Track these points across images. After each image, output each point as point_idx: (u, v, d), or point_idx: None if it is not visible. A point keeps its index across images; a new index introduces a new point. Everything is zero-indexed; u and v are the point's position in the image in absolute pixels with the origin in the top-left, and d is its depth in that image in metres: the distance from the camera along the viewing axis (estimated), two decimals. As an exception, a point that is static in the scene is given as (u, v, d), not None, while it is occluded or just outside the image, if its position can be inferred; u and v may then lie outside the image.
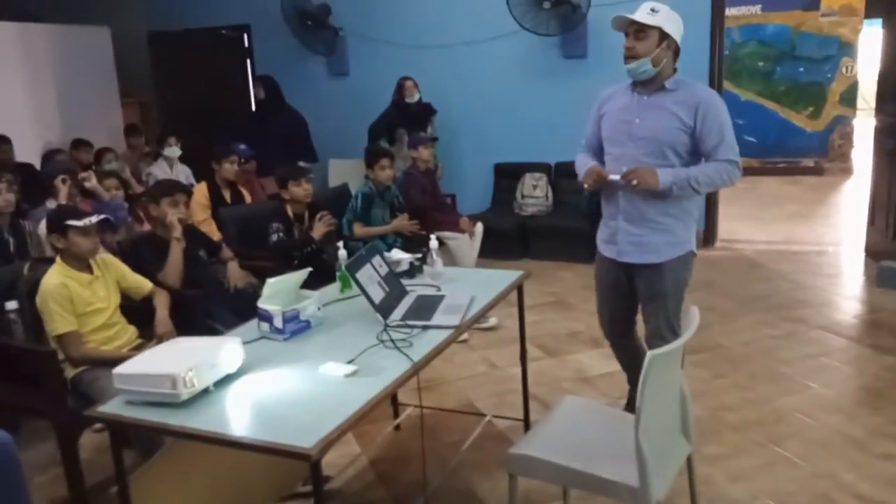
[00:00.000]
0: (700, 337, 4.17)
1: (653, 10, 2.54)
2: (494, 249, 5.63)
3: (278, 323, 2.29)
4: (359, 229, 4.49)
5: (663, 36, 2.54)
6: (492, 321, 4.48)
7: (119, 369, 1.92)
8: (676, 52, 2.62)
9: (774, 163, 9.68)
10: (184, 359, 1.91)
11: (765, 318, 4.48)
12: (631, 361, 3.03)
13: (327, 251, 3.99)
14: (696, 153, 2.64)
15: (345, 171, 6.53)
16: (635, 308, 2.92)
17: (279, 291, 2.36)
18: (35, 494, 2.87)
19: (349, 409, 1.79)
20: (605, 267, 2.88)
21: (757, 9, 9.37)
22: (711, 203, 6.18)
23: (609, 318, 3.00)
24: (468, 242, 5.08)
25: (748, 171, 9.59)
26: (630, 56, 2.57)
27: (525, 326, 3.10)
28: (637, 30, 2.54)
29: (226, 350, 2.02)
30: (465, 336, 4.31)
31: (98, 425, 3.04)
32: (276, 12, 6.85)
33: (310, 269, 2.50)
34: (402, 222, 4.53)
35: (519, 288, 2.96)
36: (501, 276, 2.92)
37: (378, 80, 6.56)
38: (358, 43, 7.03)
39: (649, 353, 1.88)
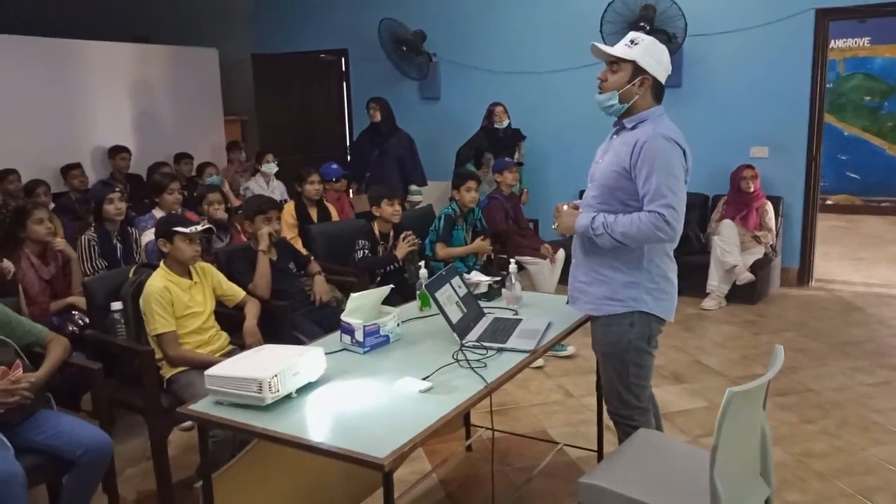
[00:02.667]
0: (788, 379, 4.02)
1: (632, 41, 2.33)
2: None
3: (359, 336, 2.37)
4: (441, 250, 4.57)
5: (638, 71, 2.32)
6: (569, 349, 4.45)
7: (211, 371, 2.04)
8: (657, 88, 2.37)
9: (878, 201, 9.22)
10: (270, 365, 2.01)
11: (859, 363, 4.27)
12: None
13: (409, 270, 4.08)
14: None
15: (432, 194, 6.65)
16: None
17: (362, 306, 2.45)
18: (124, 486, 3.07)
19: (422, 425, 1.83)
20: None
21: (865, 41, 9.02)
22: (807, 241, 5.96)
23: None
24: (549, 268, 5.08)
25: (849, 210, 9.20)
26: (600, 88, 2.39)
27: (588, 357, 3.06)
28: (612, 61, 2.35)
29: (309, 359, 2.11)
30: (539, 362, 4.30)
31: (187, 424, 3.23)
32: (373, 37, 7.09)
33: (392, 286, 2.58)
34: (482, 244, 4.58)
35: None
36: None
37: (468, 104, 6.69)
38: (450, 68, 7.18)
39: (728, 391, 1.84)
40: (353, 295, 2.43)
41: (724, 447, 1.88)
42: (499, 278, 3.00)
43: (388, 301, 2.61)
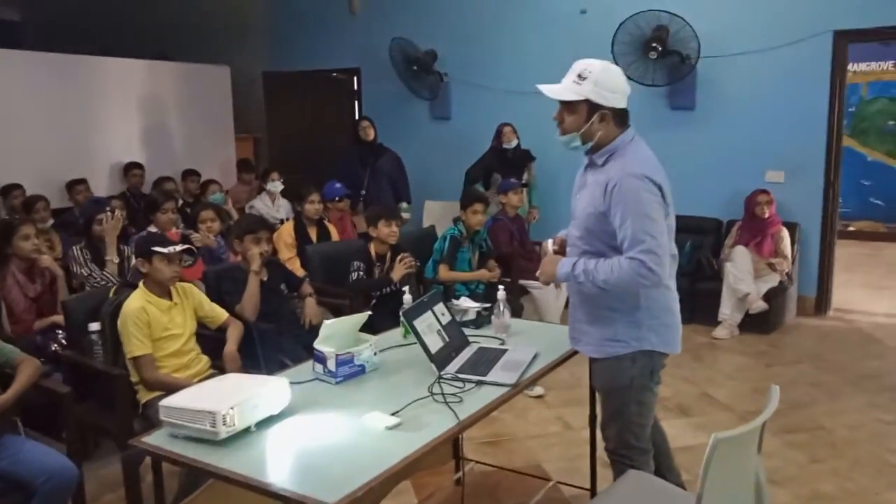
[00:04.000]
0: (799, 415, 3.83)
1: (580, 76, 2.14)
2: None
3: (331, 365, 2.26)
4: (444, 272, 4.46)
5: (593, 107, 2.16)
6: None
7: (166, 401, 1.93)
8: (620, 115, 2.21)
9: (903, 229, 8.95)
10: (228, 396, 1.90)
11: (876, 399, 4.05)
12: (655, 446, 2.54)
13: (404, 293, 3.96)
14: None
15: (439, 213, 6.56)
16: None
17: (336, 333, 2.34)
18: (101, 512, 2.97)
19: (383, 466, 1.71)
20: None
21: (888, 65, 8.80)
22: (824, 269, 5.75)
23: None
24: (554, 293, 4.94)
25: (872, 237, 8.93)
26: (560, 129, 2.25)
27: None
28: (563, 102, 2.20)
29: (272, 390, 2.00)
30: (539, 391, 4.15)
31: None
32: (385, 56, 7.04)
33: (369, 312, 2.47)
34: (486, 273, 4.47)
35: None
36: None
37: (479, 124, 6.58)
38: (461, 87, 7.10)
39: (713, 436, 1.71)
40: (325, 322, 2.32)
41: (711, 495, 1.73)
42: (488, 305, 2.87)
43: (382, 325, 2.49)
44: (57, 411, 2.65)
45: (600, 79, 2.15)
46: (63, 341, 3.42)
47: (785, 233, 5.47)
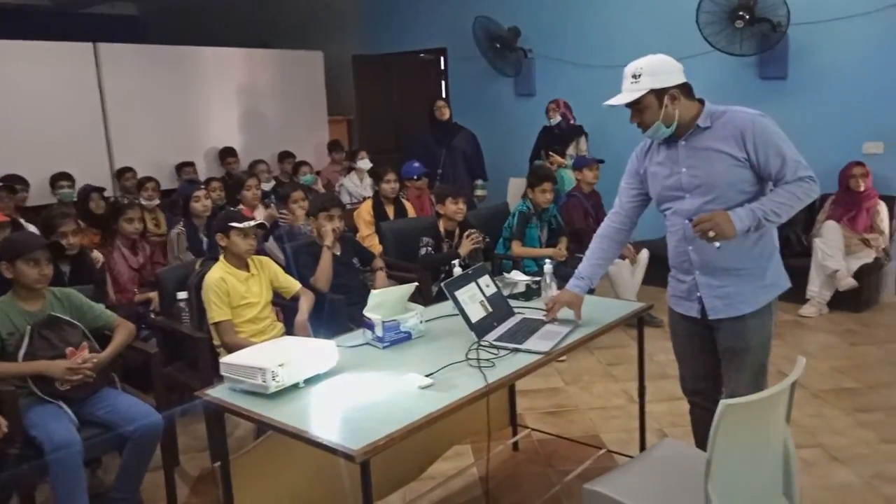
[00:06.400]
0: (877, 395, 3.71)
1: (634, 76, 2.28)
2: (666, 279, 5.37)
3: (378, 331, 2.44)
4: (516, 248, 4.57)
5: (659, 94, 2.26)
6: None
7: (226, 359, 2.17)
8: (685, 89, 2.31)
9: None
10: (279, 356, 2.11)
11: (969, 381, 3.85)
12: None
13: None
14: (760, 182, 2.32)
15: (522, 191, 6.64)
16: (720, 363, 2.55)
17: (385, 302, 2.51)
18: (190, 463, 3.31)
19: (407, 420, 1.86)
20: (683, 325, 2.55)
21: None
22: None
23: (692, 374, 2.63)
24: (629, 269, 4.94)
25: None
26: (641, 127, 2.35)
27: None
28: (632, 104, 2.29)
29: (319, 351, 2.20)
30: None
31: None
32: (470, 35, 7.14)
33: (416, 284, 2.62)
34: (556, 251, 4.53)
35: (640, 319, 2.86)
36: (620, 307, 2.83)
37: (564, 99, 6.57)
38: (545, 64, 7.11)
39: (721, 402, 1.75)
40: (374, 291, 2.50)
41: (722, 461, 1.78)
42: (538, 278, 2.96)
43: (444, 298, 2.65)
44: (149, 369, 2.98)
45: (652, 69, 2.28)
46: (157, 309, 3.81)
47: (882, 207, 5.19)
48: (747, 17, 5.46)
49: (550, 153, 5.97)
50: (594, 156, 5.60)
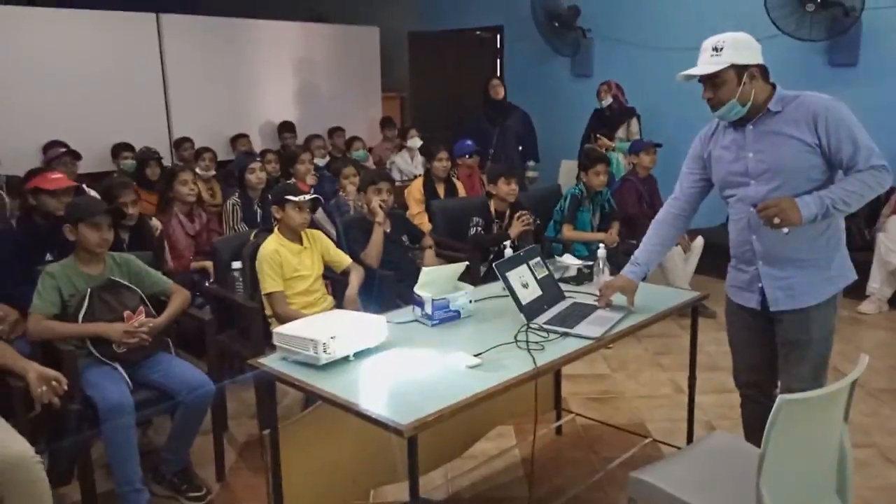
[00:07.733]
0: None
1: (715, 49, 2.21)
2: (720, 268, 5.26)
3: (428, 309, 2.44)
4: (567, 231, 4.52)
5: (740, 70, 2.20)
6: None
7: (279, 329, 2.20)
8: (763, 71, 2.25)
9: None
10: (330, 328, 2.13)
11: None
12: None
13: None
14: (830, 169, 2.24)
15: (574, 173, 6.56)
16: (777, 356, 2.48)
17: (435, 280, 2.51)
18: (239, 429, 3.39)
19: (455, 398, 1.87)
20: (741, 316, 2.49)
21: None
22: None
23: (747, 366, 2.56)
24: (681, 256, 4.85)
25: None
26: (712, 106, 2.28)
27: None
28: (709, 77, 2.23)
29: (370, 326, 2.22)
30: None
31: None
32: (527, 14, 7.04)
33: (466, 263, 2.61)
34: (608, 236, 4.46)
35: (694, 309, 2.80)
36: (674, 295, 2.78)
37: (622, 81, 6.40)
38: (604, 44, 6.98)
39: (779, 397, 1.70)
40: (423, 269, 2.50)
41: (776, 457, 1.74)
42: (590, 262, 2.93)
43: (492, 279, 2.65)
44: (202, 336, 3.04)
45: (736, 43, 2.21)
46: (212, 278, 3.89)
47: (952, 203, 4.98)
48: (818, 0, 5.25)
49: (598, 136, 5.87)
50: (646, 139, 5.49)
